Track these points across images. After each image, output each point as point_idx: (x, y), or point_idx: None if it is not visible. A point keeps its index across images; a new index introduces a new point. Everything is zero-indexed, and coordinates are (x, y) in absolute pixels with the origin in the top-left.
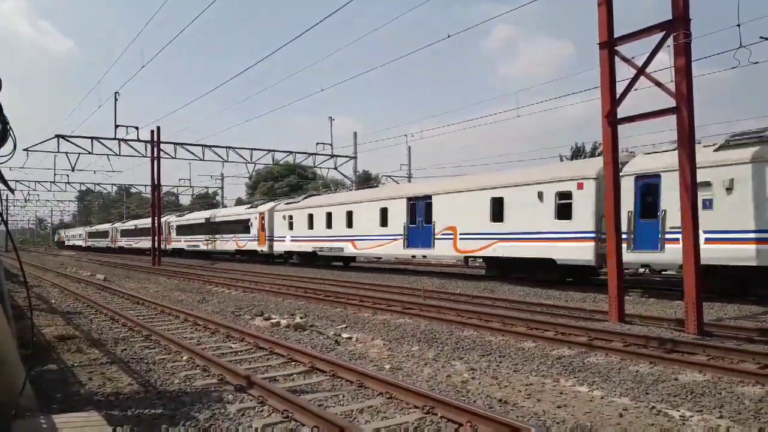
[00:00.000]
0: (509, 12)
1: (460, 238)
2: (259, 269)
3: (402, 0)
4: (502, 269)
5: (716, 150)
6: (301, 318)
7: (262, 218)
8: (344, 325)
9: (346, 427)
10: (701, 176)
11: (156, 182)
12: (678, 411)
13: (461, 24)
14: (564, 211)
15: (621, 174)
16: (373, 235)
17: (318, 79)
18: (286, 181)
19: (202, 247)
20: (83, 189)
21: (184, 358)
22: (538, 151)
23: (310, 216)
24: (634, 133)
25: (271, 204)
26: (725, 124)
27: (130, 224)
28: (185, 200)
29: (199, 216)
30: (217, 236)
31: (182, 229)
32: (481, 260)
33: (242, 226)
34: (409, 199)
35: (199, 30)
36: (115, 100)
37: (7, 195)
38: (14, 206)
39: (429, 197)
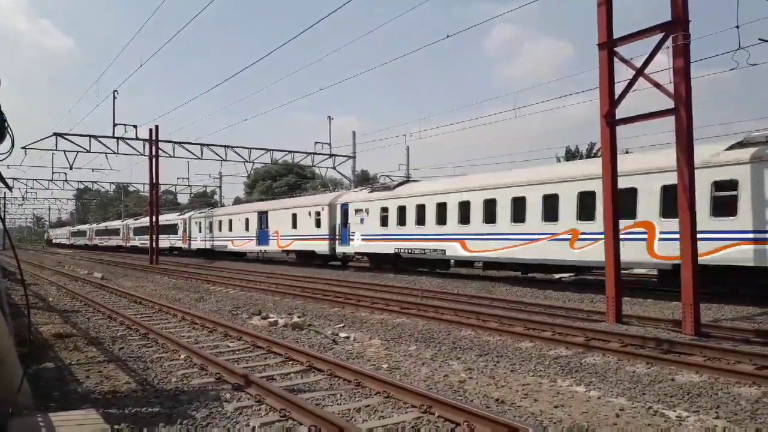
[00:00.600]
0: (510, 12)
1: (281, 239)
2: (255, 268)
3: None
4: (301, 258)
5: (393, 188)
6: (298, 317)
7: (185, 223)
8: (342, 325)
9: (344, 426)
10: (386, 204)
11: (154, 181)
12: (674, 411)
13: (462, 24)
14: (317, 222)
15: (337, 203)
16: (242, 237)
17: (317, 78)
18: (284, 180)
19: (129, 242)
20: (81, 187)
21: (182, 356)
22: (537, 152)
23: (210, 223)
24: (633, 134)
25: (190, 213)
26: (724, 126)
27: (102, 226)
28: (183, 199)
29: (146, 220)
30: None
31: (137, 230)
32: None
33: (173, 228)
34: (259, 212)
35: (198, 29)
36: (114, 98)
37: (4, 193)
38: (12, 204)
39: (266, 212)
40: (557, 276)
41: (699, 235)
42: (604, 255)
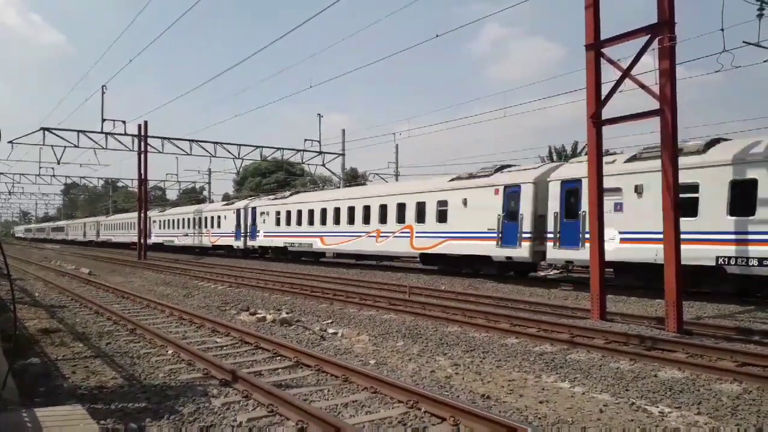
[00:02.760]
0: (501, 11)
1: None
2: (245, 264)
3: None
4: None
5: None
6: (287, 313)
7: (81, 226)
8: (330, 321)
9: (331, 421)
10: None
11: (143, 176)
12: (657, 407)
13: (456, 23)
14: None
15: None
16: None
17: (308, 75)
18: (273, 177)
19: (49, 237)
20: (69, 182)
21: (169, 352)
22: (523, 151)
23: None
24: (618, 134)
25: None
26: (710, 127)
27: (61, 223)
28: (172, 195)
29: (48, 224)
30: (58, 233)
31: (37, 231)
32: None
33: (61, 229)
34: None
35: (189, 25)
36: (102, 93)
37: None
38: None
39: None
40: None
41: None
42: None
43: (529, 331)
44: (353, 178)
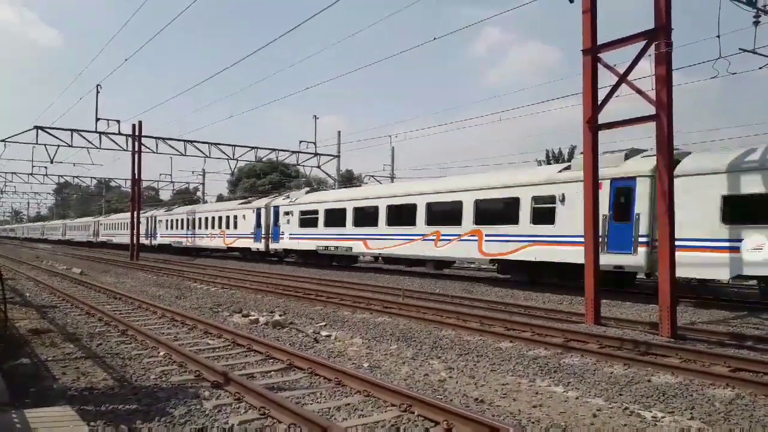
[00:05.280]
0: (499, 15)
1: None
2: (239, 266)
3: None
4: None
5: None
6: (280, 315)
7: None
8: (324, 323)
9: (324, 424)
10: None
11: (136, 177)
12: (650, 412)
13: (458, 26)
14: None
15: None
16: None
17: (303, 78)
18: (268, 178)
19: (8, 235)
20: (62, 181)
21: (161, 353)
22: (522, 155)
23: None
24: (611, 139)
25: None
26: (704, 132)
27: (13, 226)
28: (165, 195)
29: (7, 226)
30: (11, 233)
31: (1, 231)
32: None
33: (13, 230)
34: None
35: (185, 25)
36: (97, 92)
37: None
38: None
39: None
40: None
41: None
42: None
43: (523, 335)
44: (348, 180)
